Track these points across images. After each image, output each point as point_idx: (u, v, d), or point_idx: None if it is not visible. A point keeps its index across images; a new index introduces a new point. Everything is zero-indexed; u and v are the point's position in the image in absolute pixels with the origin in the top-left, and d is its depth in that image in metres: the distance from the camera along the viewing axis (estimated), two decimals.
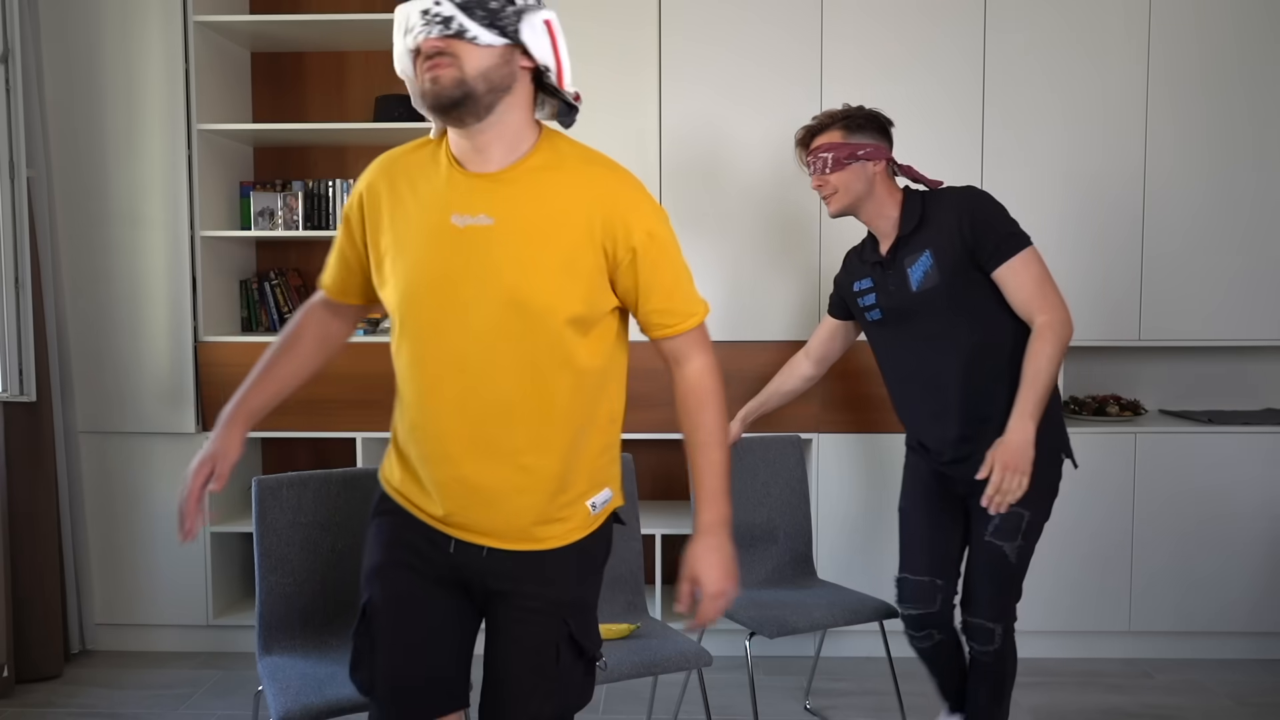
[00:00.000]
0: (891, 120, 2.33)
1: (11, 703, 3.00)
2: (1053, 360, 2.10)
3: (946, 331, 2.23)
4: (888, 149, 2.30)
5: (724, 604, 1.58)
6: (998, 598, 2.26)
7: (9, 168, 3.04)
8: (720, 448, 1.60)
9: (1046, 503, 2.26)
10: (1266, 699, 3.02)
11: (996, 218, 2.18)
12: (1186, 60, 3.22)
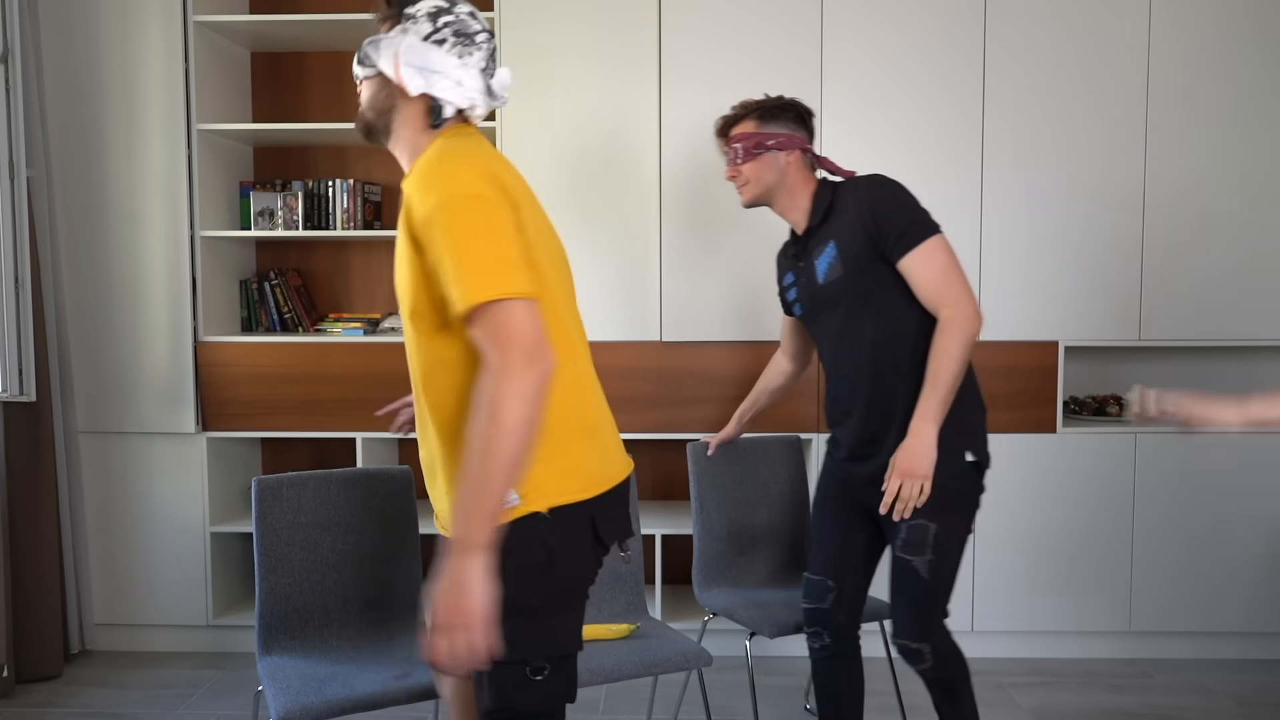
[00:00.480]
0: (810, 110, 2.27)
1: (11, 703, 3.00)
2: (955, 358, 2.01)
3: (853, 325, 2.15)
4: (803, 139, 2.23)
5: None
6: (917, 617, 2.14)
7: (9, 168, 3.04)
8: (466, 476, 1.35)
9: (956, 514, 2.12)
10: (1266, 699, 3.02)
11: (900, 206, 2.09)
12: (1187, 59, 3.22)
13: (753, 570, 2.83)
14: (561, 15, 3.23)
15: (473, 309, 1.37)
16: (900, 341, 2.11)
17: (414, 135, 1.58)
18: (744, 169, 2.23)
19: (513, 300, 1.36)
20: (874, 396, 2.14)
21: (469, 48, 1.56)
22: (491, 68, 1.60)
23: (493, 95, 1.60)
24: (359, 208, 3.47)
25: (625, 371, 3.26)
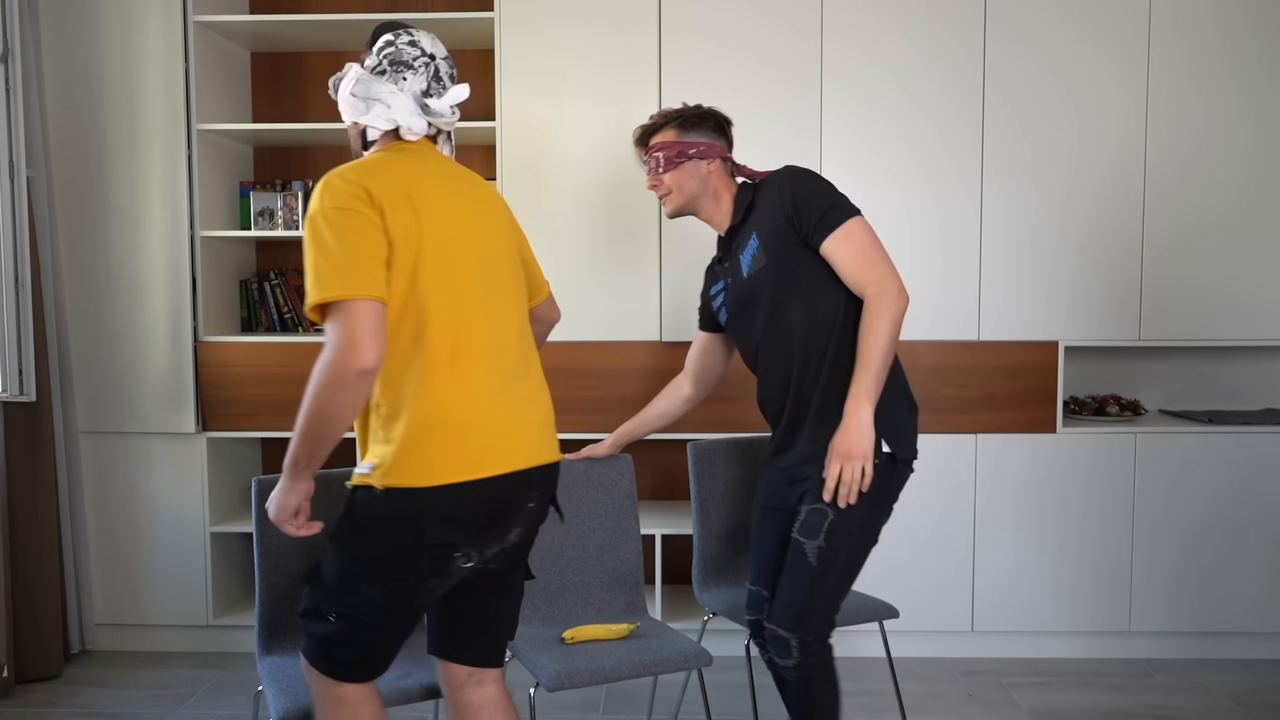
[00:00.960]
0: (730, 119, 2.25)
1: (11, 703, 3.00)
2: (883, 334, 1.96)
3: (780, 316, 2.10)
4: (723, 147, 2.21)
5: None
6: (793, 601, 2.06)
7: (9, 168, 3.04)
8: (296, 424, 1.58)
9: (860, 506, 2.02)
10: (1266, 699, 3.02)
11: (816, 191, 2.07)
12: (1188, 58, 3.22)
13: None
14: (561, 10, 3.23)
15: (312, 310, 1.57)
16: (829, 330, 2.07)
17: (356, 157, 1.81)
18: (665, 178, 2.20)
19: (340, 302, 1.52)
20: (803, 388, 2.10)
21: (404, 74, 1.74)
22: (437, 88, 1.77)
23: (429, 113, 1.75)
24: None
25: (625, 371, 3.26)
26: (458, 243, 1.69)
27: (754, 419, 3.27)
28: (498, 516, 1.70)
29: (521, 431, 1.72)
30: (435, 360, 1.63)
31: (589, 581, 2.56)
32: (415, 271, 1.62)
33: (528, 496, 1.75)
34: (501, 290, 1.75)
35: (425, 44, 1.77)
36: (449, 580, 1.72)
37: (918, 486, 3.26)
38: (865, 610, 2.55)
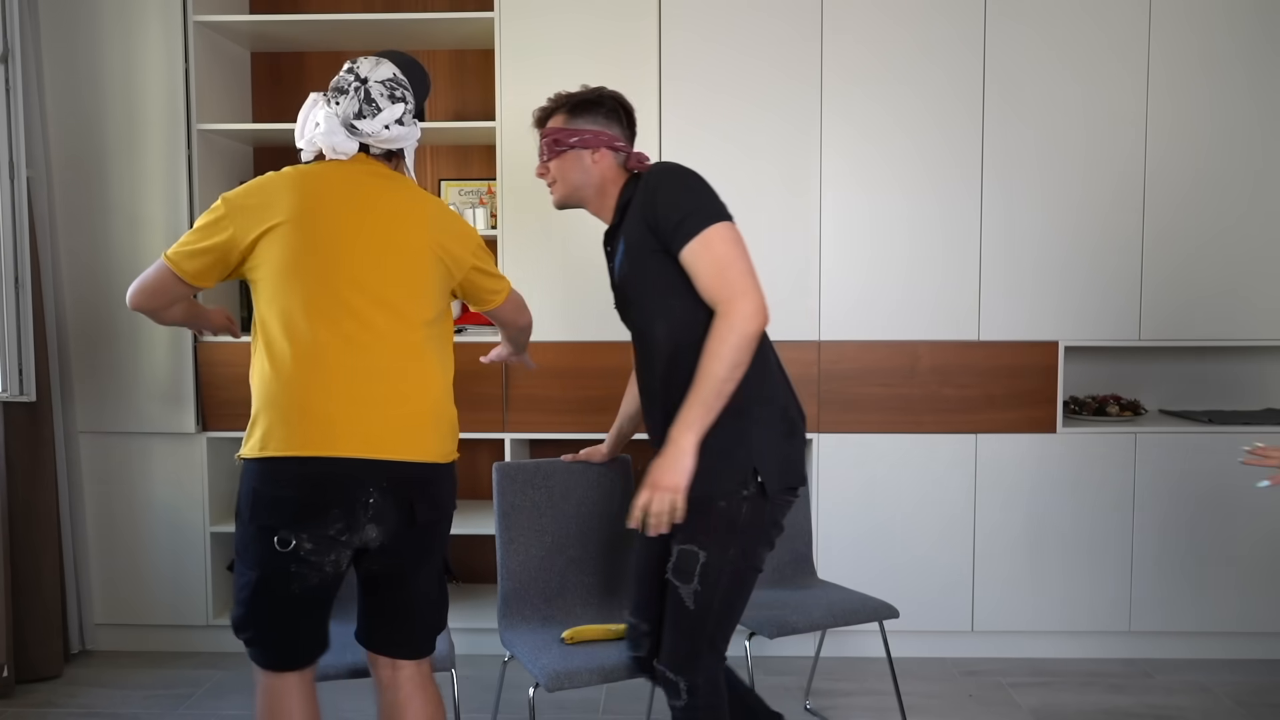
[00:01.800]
0: (630, 106, 2.09)
1: (11, 703, 3.00)
2: (721, 359, 1.77)
3: (647, 325, 1.96)
4: (613, 135, 2.02)
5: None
6: (677, 647, 1.93)
7: (9, 168, 3.04)
8: None
9: (734, 544, 1.88)
10: (1266, 699, 3.02)
11: (679, 194, 1.87)
12: (1187, 58, 3.22)
13: None
14: (561, 10, 3.23)
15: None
16: (694, 346, 1.85)
17: None
18: (551, 167, 2.06)
19: (164, 260, 1.86)
20: (669, 406, 1.90)
21: (338, 99, 1.90)
22: (369, 110, 1.89)
23: (358, 134, 1.89)
24: None
25: (625, 371, 3.26)
26: (338, 248, 1.83)
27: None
28: (318, 503, 1.77)
29: (359, 423, 1.79)
30: (276, 350, 1.79)
31: (589, 582, 2.56)
32: (273, 269, 1.81)
33: (360, 489, 1.79)
34: (385, 296, 1.84)
35: (363, 70, 1.92)
36: (298, 567, 1.78)
37: (918, 486, 3.27)
38: (865, 610, 2.55)
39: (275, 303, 1.80)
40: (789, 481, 1.93)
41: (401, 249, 1.88)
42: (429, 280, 1.91)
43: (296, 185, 1.85)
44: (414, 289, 1.88)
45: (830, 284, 3.26)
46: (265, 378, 1.79)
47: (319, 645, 1.91)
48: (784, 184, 3.24)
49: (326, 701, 3.01)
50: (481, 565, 3.79)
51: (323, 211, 1.84)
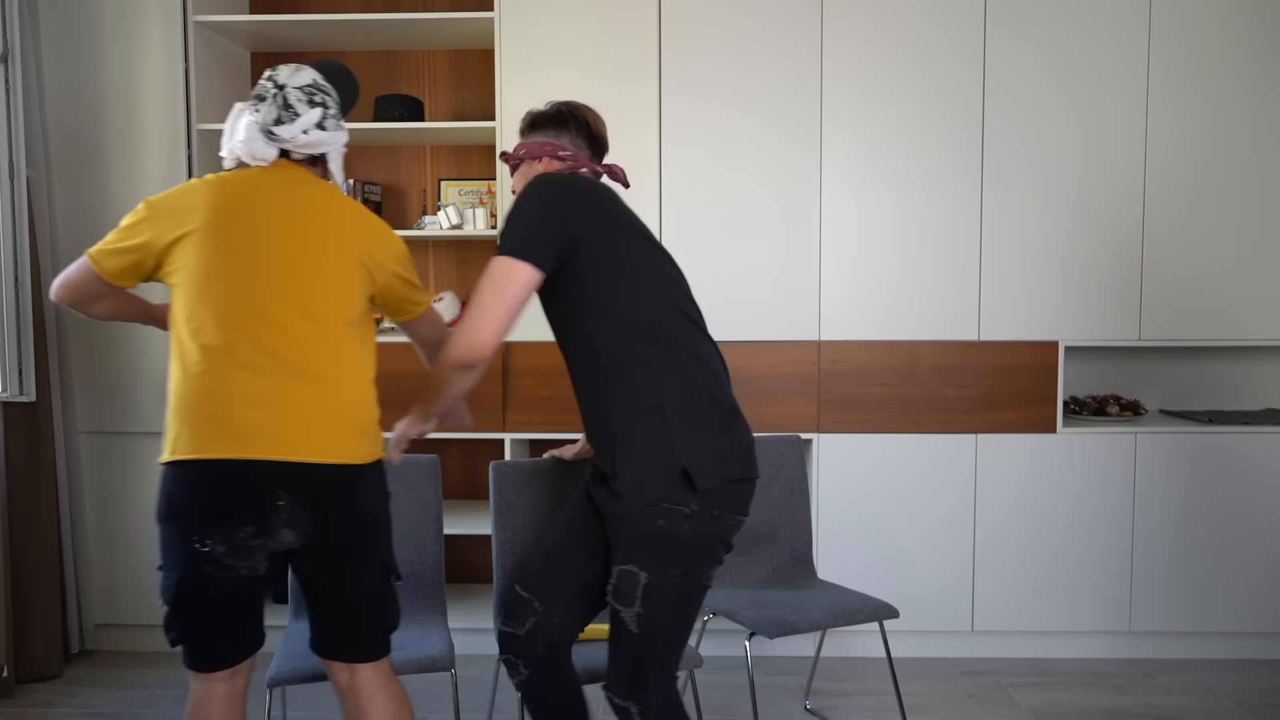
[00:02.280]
0: (588, 116, 2.07)
1: (11, 703, 3.00)
2: (439, 375, 1.88)
3: (561, 343, 1.98)
4: (561, 145, 2.03)
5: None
6: (622, 670, 1.88)
7: (9, 168, 3.04)
8: None
9: (676, 564, 1.83)
10: (1267, 699, 3.02)
11: (511, 214, 1.89)
12: (1186, 60, 3.22)
13: (753, 570, 2.83)
14: (561, 11, 3.23)
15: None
16: (596, 360, 1.87)
17: None
18: (514, 182, 2.10)
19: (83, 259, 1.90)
20: (588, 419, 1.95)
21: (258, 106, 1.94)
22: (287, 116, 1.93)
23: (276, 139, 1.92)
24: None
25: None
26: (252, 253, 1.84)
27: (754, 419, 3.27)
28: (227, 506, 1.77)
29: (266, 426, 1.78)
30: (187, 355, 1.81)
31: None
32: (188, 274, 1.83)
33: (268, 492, 1.78)
34: (300, 299, 1.85)
35: (281, 76, 1.96)
36: (213, 569, 1.79)
37: (918, 486, 3.27)
38: (865, 610, 2.55)
39: (188, 307, 1.82)
40: (728, 474, 1.83)
41: (319, 252, 1.88)
42: (348, 283, 1.91)
43: (215, 191, 1.88)
44: (331, 292, 1.88)
45: (830, 284, 3.26)
46: (176, 382, 1.81)
47: (245, 645, 1.91)
48: (784, 185, 3.24)
49: (327, 702, 3.01)
50: (480, 565, 3.80)
51: (239, 217, 1.86)
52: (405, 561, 2.54)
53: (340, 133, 2.00)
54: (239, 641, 1.89)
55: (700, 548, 1.84)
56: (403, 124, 3.33)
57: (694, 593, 1.87)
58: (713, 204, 3.25)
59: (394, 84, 3.69)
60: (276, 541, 1.80)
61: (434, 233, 3.38)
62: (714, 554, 1.87)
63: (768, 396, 3.27)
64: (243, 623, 1.88)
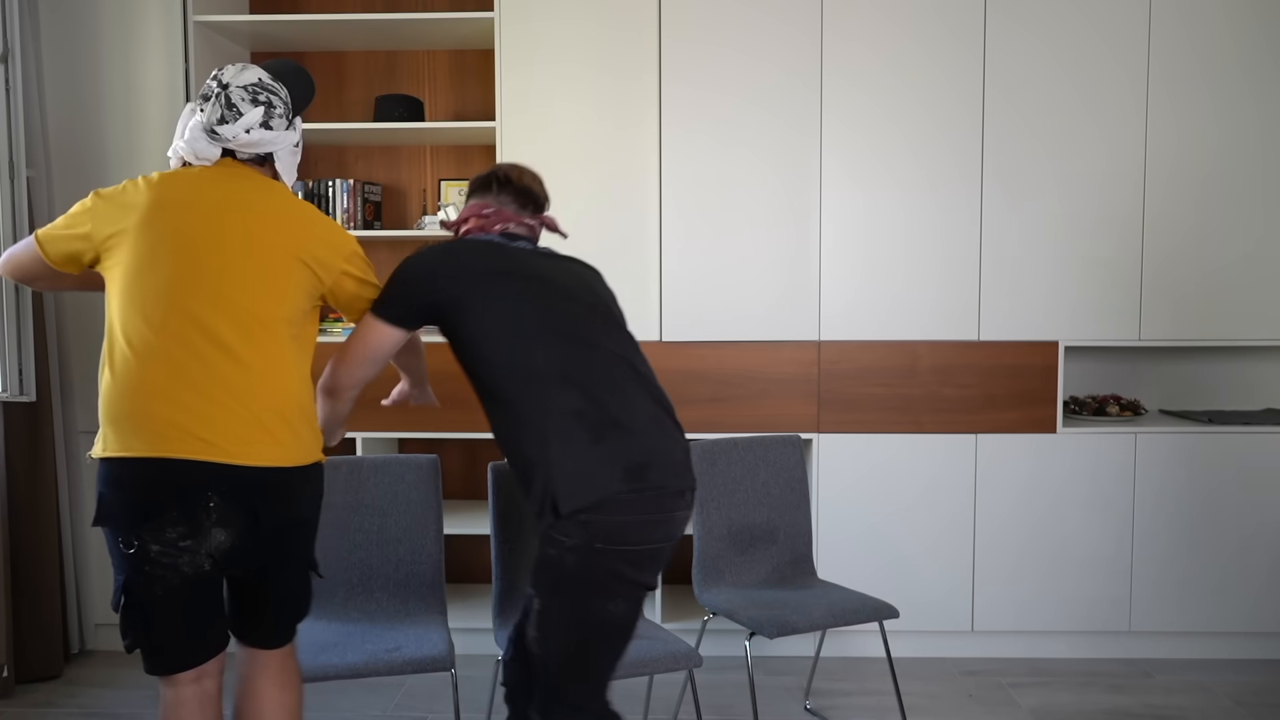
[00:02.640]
0: (509, 173, 2.13)
1: (12, 703, 3.00)
2: (319, 390, 2.04)
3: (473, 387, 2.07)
4: (483, 204, 2.10)
5: None
6: (536, 688, 1.88)
7: (9, 168, 3.04)
8: None
9: (564, 591, 1.81)
10: (1266, 699, 3.02)
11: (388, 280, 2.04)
12: (1188, 59, 3.22)
13: (753, 570, 2.83)
14: (561, 10, 3.23)
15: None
16: (486, 402, 1.94)
17: None
18: None
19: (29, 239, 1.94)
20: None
21: (202, 105, 1.95)
22: (230, 115, 1.92)
23: (218, 139, 1.93)
24: (359, 208, 3.47)
25: None
26: (187, 252, 1.83)
27: (754, 419, 3.27)
28: (154, 504, 1.76)
29: (195, 426, 1.77)
30: (117, 352, 1.81)
31: None
32: (122, 270, 1.83)
33: (198, 493, 1.77)
34: (235, 299, 1.84)
35: (226, 75, 1.96)
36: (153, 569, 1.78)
37: (918, 486, 3.27)
38: (865, 610, 2.56)
39: (119, 303, 1.82)
40: (603, 491, 1.76)
41: (257, 252, 1.87)
42: (287, 284, 1.89)
43: (154, 189, 1.87)
44: (268, 293, 1.87)
45: (830, 284, 3.26)
46: (105, 380, 1.81)
47: (206, 647, 1.86)
48: (784, 184, 3.24)
49: (326, 702, 3.01)
50: (480, 565, 3.80)
51: (174, 216, 1.85)
52: (406, 561, 2.53)
53: (289, 132, 1.99)
54: (198, 642, 1.85)
55: (586, 581, 1.80)
56: (403, 124, 3.33)
57: (588, 624, 1.82)
58: (712, 204, 3.25)
59: (394, 84, 3.69)
60: (210, 542, 1.79)
61: (434, 233, 3.38)
62: (605, 588, 1.80)
63: (768, 396, 3.27)
64: (199, 623, 1.84)
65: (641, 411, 1.86)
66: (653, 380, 1.95)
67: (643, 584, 1.85)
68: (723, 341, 3.27)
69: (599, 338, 1.92)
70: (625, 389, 1.88)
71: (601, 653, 1.87)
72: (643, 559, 1.82)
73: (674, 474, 1.85)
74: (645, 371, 1.95)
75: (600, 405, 1.84)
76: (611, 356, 1.91)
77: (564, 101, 3.25)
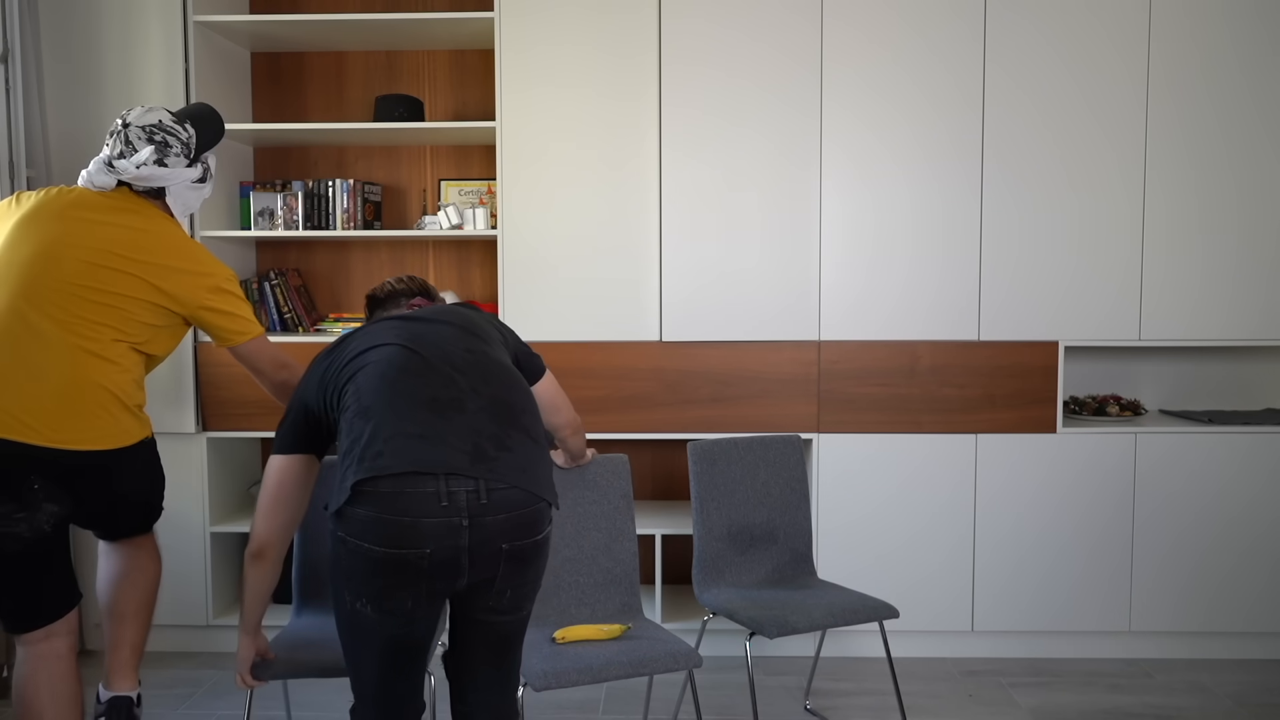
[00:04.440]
0: (378, 292, 2.30)
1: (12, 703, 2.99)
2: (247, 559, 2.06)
3: None
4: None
5: None
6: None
7: (9, 168, 3.04)
8: None
9: (335, 580, 1.80)
10: (1266, 699, 3.02)
11: None
12: (1188, 56, 3.21)
13: (753, 570, 2.83)
14: (561, 9, 3.23)
15: None
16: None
17: None
18: None
19: None
20: None
21: (108, 140, 2.24)
22: (127, 150, 2.20)
23: (115, 171, 2.19)
24: (359, 208, 3.47)
25: (625, 371, 3.26)
26: (34, 259, 2.09)
27: (754, 419, 3.27)
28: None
29: (14, 408, 2.00)
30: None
31: (583, 582, 2.56)
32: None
33: (22, 472, 2.00)
34: (52, 298, 2.08)
35: (130, 116, 2.23)
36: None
37: (918, 487, 3.27)
38: (865, 610, 2.55)
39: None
40: (350, 482, 1.74)
41: (104, 272, 2.11)
42: (128, 303, 2.13)
43: (30, 203, 2.17)
44: (100, 306, 2.11)
45: (830, 284, 3.26)
46: None
47: (52, 604, 2.08)
48: (784, 184, 3.24)
49: (327, 702, 3.01)
50: None
51: (38, 228, 2.12)
52: None
53: (188, 170, 2.26)
54: (43, 600, 2.06)
55: (337, 570, 1.79)
56: (403, 124, 3.33)
57: (346, 618, 1.80)
58: (712, 203, 3.25)
59: (394, 84, 3.69)
60: (43, 514, 2.00)
61: (434, 233, 3.38)
62: (348, 582, 1.76)
63: (768, 396, 3.27)
64: (44, 581, 2.06)
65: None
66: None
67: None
68: (723, 341, 3.27)
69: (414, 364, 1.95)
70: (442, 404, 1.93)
71: (357, 651, 1.85)
72: (367, 559, 1.78)
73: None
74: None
75: (388, 421, 1.89)
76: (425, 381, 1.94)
77: (564, 100, 3.25)
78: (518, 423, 1.85)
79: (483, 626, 1.87)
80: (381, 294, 2.26)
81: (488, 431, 1.80)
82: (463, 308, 2.10)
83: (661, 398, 3.27)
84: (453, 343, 1.93)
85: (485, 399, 1.85)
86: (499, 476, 1.76)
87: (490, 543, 1.76)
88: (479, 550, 1.75)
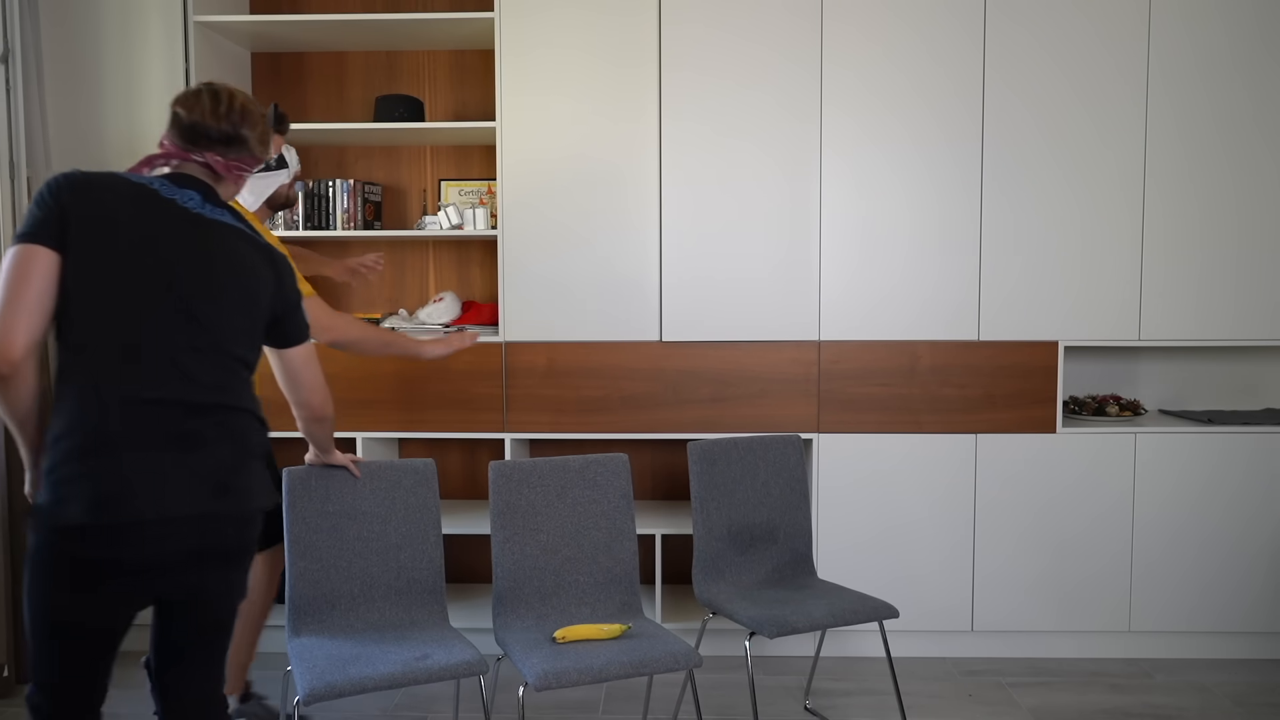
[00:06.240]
0: (174, 109, 1.86)
1: (12, 703, 3.00)
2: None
3: None
4: (161, 140, 1.90)
5: None
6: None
7: (9, 168, 3.04)
8: None
9: (28, 561, 1.78)
10: (1266, 699, 3.02)
11: None
12: (1187, 55, 3.21)
13: (752, 570, 2.83)
14: (561, 10, 3.23)
15: None
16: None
17: None
18: None
19: None
20: None
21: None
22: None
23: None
24: (359, 208, 3.47)
25: (625, 371, 3.27)
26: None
27: (754, 419, 3.27)
28: None
29: None
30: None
31: (584, 581, 2.56)
32: None
33: None
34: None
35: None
36: None
37: (917, 486, 3.27)
38: (865, 610, 2.56)
39: None
40: (55, 518, 1.73)
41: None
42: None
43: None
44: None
45: (830, 284, 3.26)
46: None
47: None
48: (784, 183, 3.24)
49: (324, 704, 3.00)
50: (480, 565, 3.80)
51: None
52: (406, 566, 2.48)
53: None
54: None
55: (33, 553, 1.78)
56: (403, 124, 3.33)
57: (34, 600, 1.76)
58: (712, 203, 3.25)
59: (394, 84, 3.69)
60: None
61: (434, 233, 3.38)
62: (41, 570, 1.75)
63: (768, 396, 3.27)
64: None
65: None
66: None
67: None
68: (723, 341, 3.27)
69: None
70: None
71: (37, 639, 1.80)
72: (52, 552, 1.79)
73: None
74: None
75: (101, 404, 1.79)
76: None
77: (565, 100, 3.25)
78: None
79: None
80: (188, 121, 1.85)
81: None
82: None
83: (661, 397, 3.27)
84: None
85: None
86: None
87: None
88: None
